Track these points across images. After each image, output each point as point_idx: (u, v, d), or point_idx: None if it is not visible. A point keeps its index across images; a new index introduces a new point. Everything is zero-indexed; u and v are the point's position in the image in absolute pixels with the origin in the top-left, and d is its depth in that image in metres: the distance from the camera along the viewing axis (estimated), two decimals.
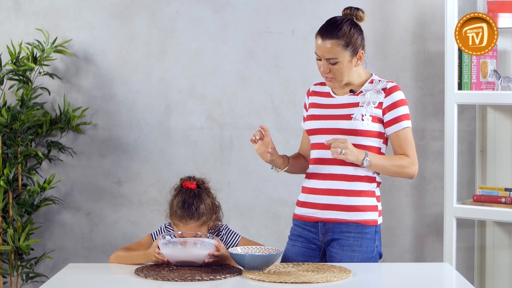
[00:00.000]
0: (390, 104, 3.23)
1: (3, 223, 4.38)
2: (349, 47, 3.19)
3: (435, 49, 4.38)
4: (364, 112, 3.22)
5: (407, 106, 3.26)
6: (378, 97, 3.24)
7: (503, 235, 4.31)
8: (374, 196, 3.27)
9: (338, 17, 3.26)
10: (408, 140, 3.24)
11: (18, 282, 4.45)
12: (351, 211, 3.22)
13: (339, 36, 3.19)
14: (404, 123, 3.23)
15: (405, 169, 3.23)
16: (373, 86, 3.27)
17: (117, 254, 3.21)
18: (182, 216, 3.19)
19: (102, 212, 4.57)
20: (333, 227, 3.24)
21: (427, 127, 4.43)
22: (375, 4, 4.41)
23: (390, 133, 3.25)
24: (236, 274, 2.97)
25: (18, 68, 4.35)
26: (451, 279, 3.03)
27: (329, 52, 3.19)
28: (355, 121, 3.20)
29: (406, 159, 3.23)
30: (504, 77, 4.04)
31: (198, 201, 3.22)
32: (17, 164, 4.37)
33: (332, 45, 3.18)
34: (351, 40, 3.19)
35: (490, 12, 4.07)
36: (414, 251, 4.47)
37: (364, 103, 3.23)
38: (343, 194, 3.22)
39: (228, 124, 4.51)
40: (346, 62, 3.20)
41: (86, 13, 4.52)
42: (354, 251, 3.21)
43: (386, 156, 3.25)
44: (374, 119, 3.22)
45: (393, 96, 3.24)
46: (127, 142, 4.55)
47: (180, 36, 4.50)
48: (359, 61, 3.24)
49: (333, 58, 3.19)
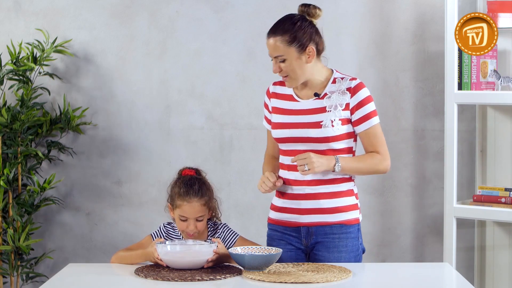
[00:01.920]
0: (357, 104, 3.18)
1: (3, 223, 4.38)
2: (294, 43, 3.14)
3: (435, 49, 4.38)
4: (332, 117, 3.17)
5: (373, 102, 3.22)
6: (344, 99, 3.18)
7: (503, 235, 4.31)
8: (353, 194, 3.25)
9: (289, 14, 3.22)
10: (377, 137, 3.21)
11: (18, 282, 4.45)
12: (333, 213, 3.21)
13: (283, 32, 3.14)
14: (373, 120, 3.20)
15: (378, 167, 3.21)
16: (337, 86, 3.21)
17: (118, 255, 3.22)
18: (186, 193, 3.21)
19: (102, 212, 4.57)
20: (316, 231, 3.22)
21: (427, 127, 4.43)
22: (375, 4, 4.41)
23: (359, 131, 3.21)
24: (236, 274, 2.97)
25: (18, 68, 4.35)
26: (451, 279, 3.03)
27: (274, 49, 3.15)
28: (325, 129, 3.16)
29: (377, 157, 3.20)
30: (504, 77, 4.04)
31: (200, 182, 3.26)
32: (17, 164, 4.37)
33: (276, 41, 3.14)
34: (297, 35, 3.14)
35: (490, 12, 4.07)
36: (414, 251, 4.47)
37: (331, 107, 3.18)
38: (323, 197, 3.20)
39: (228, 124, 4.51)
40: (295, 59, 3.15)
41: (86, 13, 4.52)
42: (341, 252, 3.20)
43: (357, 157, 3.21)
44: (343, 121, 3.18)
45: (358, 95, 3.19)
46: (127, 142, 4.55)
47: (180, 36, 4.50)
48: (311, 58, 3.17)
49: (280, 56, 3.15)
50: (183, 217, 3.21)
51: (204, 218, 3.23)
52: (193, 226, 3.20)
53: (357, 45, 4.44)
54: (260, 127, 4.48)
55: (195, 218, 3.20)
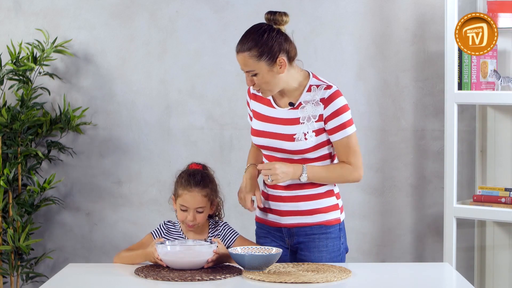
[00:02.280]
0: (330, 114, 3.13)
1: (3, 223, 4.38)
2: (263, 56, 3.06)
3: (435, 49, 4.38)
4: (305, 129, 3.14)
5: (349, 111, 3.15)
6: (317, 110, 3.14)
7: (503, 235, 4.31)
8: (333, 194, 3.24)
9: (252, 27, 3.13)
10: (350, 147, 3.15)
11: (18, 282, 4.45)
12: (313, 214, 3.21)
13: (250, 48, 3.06)
14: (347, 130, 3.14)
15: (347, 177, 3.18)
16: (312, 95, 3.15)
17: (120, 255, 3.22)
18: (187, 182, 3.22)
19: (102, 212, 4.57)
20: (297, 231, 3.23)
21: (427, 127, 4.43)
22: (375, 4, 4.41)
23: (333, 140, 3.16)
24: (236, 274, 2.97)
25: (18, 68, 4.35)
26: (451, 279, 3.03)
27: (245, 65, 3.09)
28: (298, 142, 3.13)
29: (347, 168, 3.16)
30: (504, 77, 4.04)
31: (204, 174, 3.28)
32: (17, 164, 4.36)
33: (245, 57, 3.08)
34: (265, 48, 3.06)
35: (490, 12, 4.07)
36: (414, 251, 4.47)
37: (304, 119, 3.14)
38: (302, 199, 3.20)
39: (228, 124, 4.51)
40: (266, 72, 3.08)
41: (86, 13, 4.52)
42: (321, 252, 3.21)
43: (326, 167, 3.17)
44: (317, 132, 3.14)
45: (332, 105, 3.12)
46: (127, 142, 4.55)
47: (180, 36, 4.50)
48: (283, 68, 3.10)
49: (251, 71, 3.09)
50: (183, 207, 3.22)
51: (204, 211, 3.23)
52: (192, 216, 3.20)
53: (357, 45, 4.44)
54: None
55: (195, 209, 3.21)
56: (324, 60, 4.44)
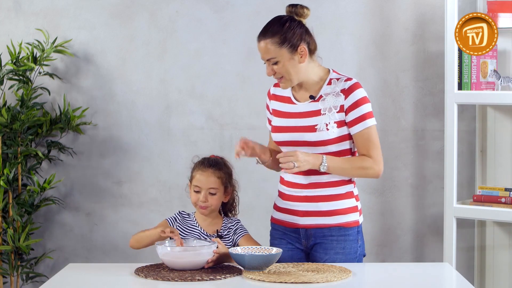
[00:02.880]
0: (351, 105, 3.14)
1: (3, 223, 4.38)
2: (285, 44, 3.12)
3: (435, 49, 4.38)
4: (327, 120, 3.15)
5: (369, 104, 3.17)
6: (338, 101, 3.16)
7: (503, 235, 4.31)
8: (353, 196, 3.23)
9: (277, 16, 3.20)
10: (371, 140, 3.15)
11: (18, 282, 4.45)
12: (332, 216, 3.19)
13: (273, 34, 3.13)
14: (367, 122, 3.15)
15: (367, 170, 3.16)
16: (332, 88, 3.18)
17: (135, 236, 3.24)
18: (202, 163, 3.28)
19: (102, 212, 4.57)
20: (315, 233, 3.22)
21: (427, 127, 4.43)
22: (375, 4, 4.41)
23: (353, 133, 3.16)
24: (236, 274, 2.97)
25: (18, 68, 4.35)
26: (451, 279, 3.03)
27: (266, 52, 3.14)
28: (320, 133, 3.14)
29: (368, 160, 3.15)
30: (504, 77, 4.04)
31: (219, 160, 3.33)
32: (17, 164, 4.37)
33: (267, 44, 3.14)
34: (286, 36, 3.12)
35: (490, 12, 4.07)
36: (414, 251, 4.47)
37: (326, 110, 3.16)
38: (322, 200, 3.19)
39: (228, 124, 4.51)
40: (287, 60, 3.13)
41: (86, 13, 4.52)
42: (337, 254, 3.19)
43: (346, 159, 3.16)
44: (339, 124, 3.15)
45: (353, 95, 3.15)
46: (127, 142, 4.55)
47: (180, 36, 4.50)
48: (304, 57, 3.15)
49: (272, 58, 3.14)
50: (196, 187, 3.25)
51: (217, 193, 3.26)
52: (204, 197, 3.23)
53: (357, 45, 4.44)
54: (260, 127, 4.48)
55: (207, 189, 3.23)
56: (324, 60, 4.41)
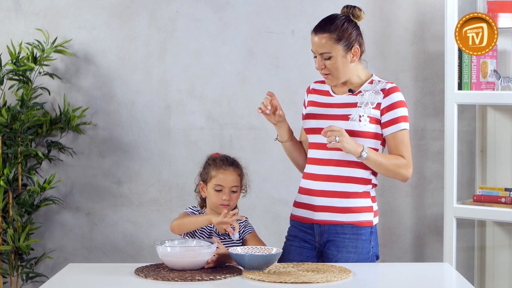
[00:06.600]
0: (388, 105, 3.21)
1: (3, 223, 4.38)
2: (341, 41, 3.18)
3: (435, 49, 4.38)
4: (361, 113, 3.20)
5: (406, 108, 3.23)
6: (376, 98, 3.22)
7: (503, 235, 4.31)
8: (369, 196, 3.26)
9: (334, 14, 3.27)
10: (404, 143, 3.22)
11: (18, 282, 4.45)
12: (345, 213, 3.22)
13: (331, 30, 3.19)
14: (401, 125, 3.21)
15: (400, 169, 3.21)
16: (373, 86, 3.25)
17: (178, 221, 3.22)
18: (222, 162, 3.29)
19: (102, 212, 4.57)
20: (328, 229, 3.24)
21: (427, 127, 4.43)
22: (375, 4, 4.41)
23: (387, 134, 3.22)
24: (236, 274, 2.98)
25: (18, 68, 4.35)
26: (451, 279, 3.03)
27: (322, 46, 3.19)
28: (352, 122, 3.19)
29: (402, 160, 3.21)
30: (504, 77, 4.04)
31: (235, 159, 3.35)
32: (17, 164, 4.37)
33: (324, 39, 3.19)
34: (344, 34, 3.19)
35: (490, 12, 4.07)
36: (414, 251, 4.47)
37: (362, 104, 3.22)
38: (337, 195, 3.22)
39: (228, 124, 4.51)
40: (340, 57, 3.19)
41: (86, 13, 4.52)
42: (350, 252, 3.21)
43: (383, 154, 3.23)
44: (371, 120, 3.20)
45: (391, 97, 3.22)
46: (127, 142, 4.55)
47: (180, 36, 4.50)
48: (355, 57, 3.22)
49: (327, 53, 3.19)
50: (218, 186, 3.26)
51: (237, 191, 3.29)
52: (228, 195, 3.25)
53: None
54: (260, 127, 4.49)
55: (230, 188, 3.26)
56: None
